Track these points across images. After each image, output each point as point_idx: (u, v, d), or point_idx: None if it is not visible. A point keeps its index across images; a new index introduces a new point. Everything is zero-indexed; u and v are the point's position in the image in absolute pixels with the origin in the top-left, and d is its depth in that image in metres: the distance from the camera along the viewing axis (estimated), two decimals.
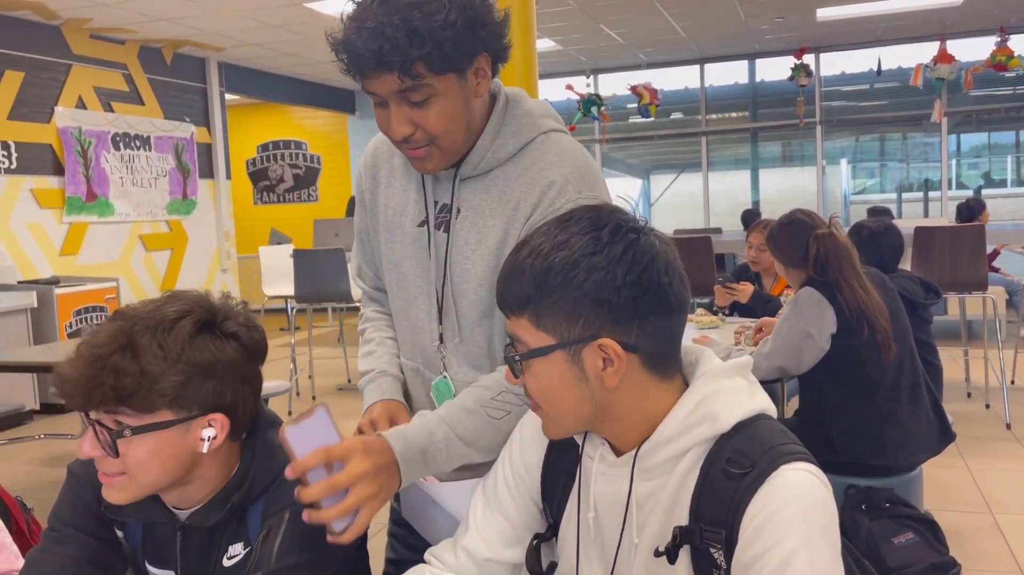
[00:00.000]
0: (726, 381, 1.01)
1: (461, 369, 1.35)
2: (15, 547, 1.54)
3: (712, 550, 0.95)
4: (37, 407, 5.88)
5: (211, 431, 1.14)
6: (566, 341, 0.97)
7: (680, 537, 0.96)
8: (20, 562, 1.49)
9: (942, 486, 3.67)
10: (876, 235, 3.40)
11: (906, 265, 3.93)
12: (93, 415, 1.11)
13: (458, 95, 1.21)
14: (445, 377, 1.37)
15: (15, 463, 4.84)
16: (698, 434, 0.98)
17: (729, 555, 0.93)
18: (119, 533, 1.26)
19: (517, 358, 1.00)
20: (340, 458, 1.06)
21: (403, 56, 1.13)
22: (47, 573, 1.18)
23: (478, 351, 1.34)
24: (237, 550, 1.21)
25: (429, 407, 1.39)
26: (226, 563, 1.21)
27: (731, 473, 0.95)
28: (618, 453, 1.05)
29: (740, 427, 0.98)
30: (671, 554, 0.97)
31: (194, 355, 1.10)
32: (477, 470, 1.26)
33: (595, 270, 0.94)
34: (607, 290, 0.94)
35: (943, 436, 2.65)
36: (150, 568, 1.27)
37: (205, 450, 1.14)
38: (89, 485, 1.23)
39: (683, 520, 0.97)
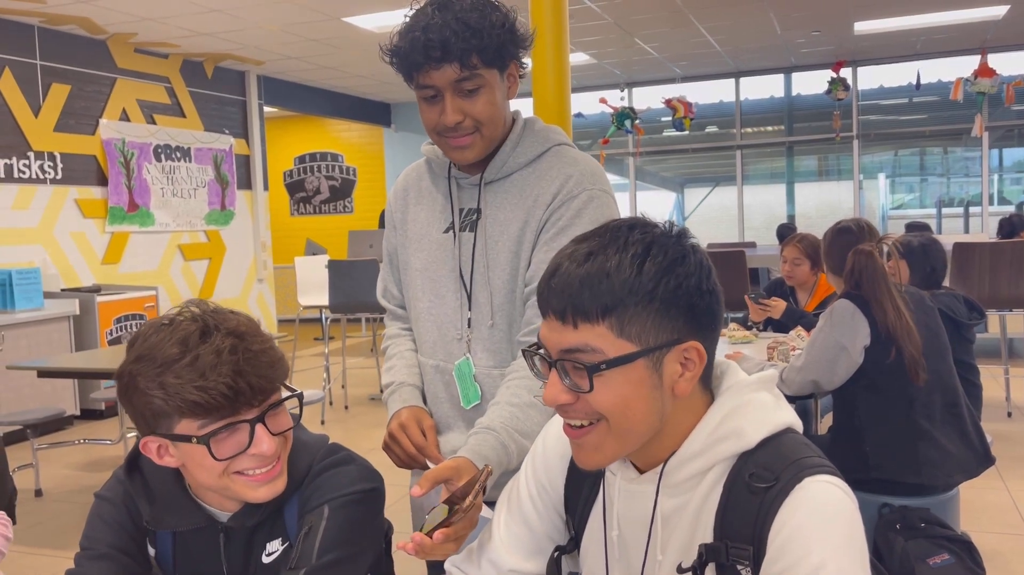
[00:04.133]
0: (752, 395, 1.01)
1: (483, 355, 1.51)
2: None
3: (739, 567, 0.94)
4: (77, 412, 6.01)
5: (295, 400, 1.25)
6: (652, 347, 0.94)
7: (705, 555, 0.96)
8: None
9: (980, 507, 3.59)
10: (927, 248, 3.36)
11: (945, 281, 3.88)
12: (251, 415, 1.14)
13: (499, 89, 1.44)
14: (467, 358, 1.51)
15: (56, 467, 4.95)
16: (723, 450, 0.98)
17: (756, 571, 0.93)
18: (151, 551, 1.28)
19: (603, 366, 0.94)
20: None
21: (464, 46, 1.36)
22: None
23: (500, 335, 1.50)
24: (275, 546, 1.24)
25: (447, 401, 1.53)
26: (265, 560, 1.24)
27: (755, 488, 0.94)
28: (640, 470, 1.04)
29: (764, 442, 0.97)
30: (696, 572, 0.96)
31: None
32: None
33: (688, 276, 0.95)
34: (696, 295, 0.95)
35: (982, 460, 2.58)
36: None
37: (300, 416, 1.24)
38: (122, 507, 1.26)
39: (707, 537, 0.97)
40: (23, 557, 3.56)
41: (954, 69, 9.15)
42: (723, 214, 11.12)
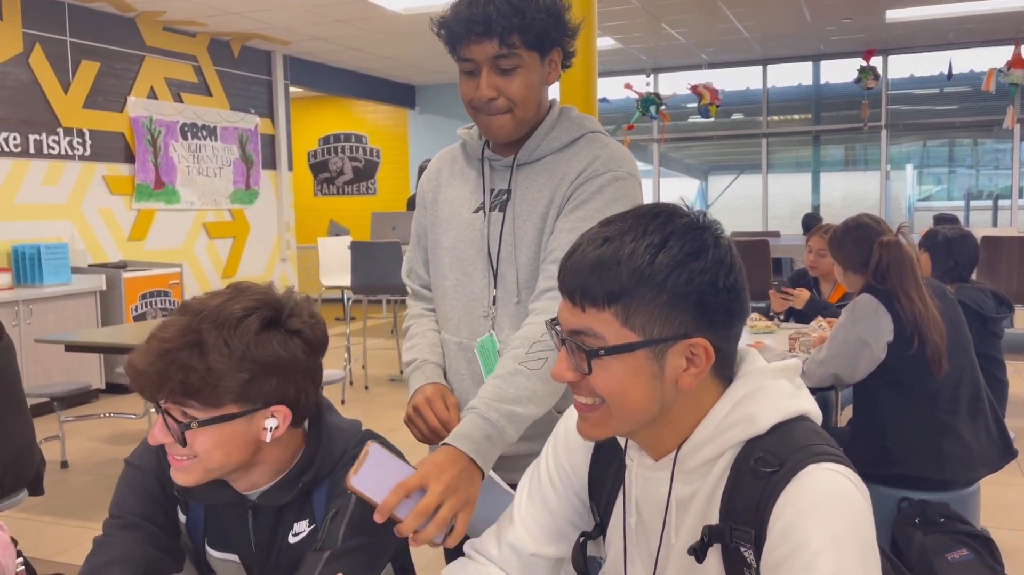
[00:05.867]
0: (768, 382, 1.00)
1: (510, 331, 1.52)
2: None
3: (743, 549, 0.94)
4: (103, 386, 6.10)
5: (274, 422, 1.18)
6: (655, 339, 0.94)
7: (709, 536, 0.96)
8: None
9: (1001, 503, 3.57)
10: (951, 242, 3.31)
11: (972, 275, 3.83)
12: (163, 404, 1.15)
13: (537, 73, 1.47)
14: (491, 335, 1.53)
15: (81, 439, 5.03)
16: (734, 436, 0.98)
17: (759, 554, 0.93)
18: (182, 518, 1.30)
19: (601, 352, 0.94)
20: (418, 486, 1.15)
21: (506, 24, 1.39)
22: (115, 556, 1.22)
23: (526, 313, 1.50)
24: (302, 527, 1.26)
25: (469, 378, 1.56)
26: (291, 540, 1.25)
27: (760, 472, 0.94)
28: (654, 457, 1.04)
29: (775, 429, 0.97)
30: (699, 553, 0.96)
31: (259, 353, 1.14)
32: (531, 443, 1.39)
33: (703, 272, 0.94)
34: (709, 292, 0.94)
35: (1004, 452, 2.59)
36: (211, 552, 1.31)
37: (268, 439, 1.19)
38: (153, 475, 1.27)
39: (715, 520, 0.97)
40: (49, 527, 3.64)
41: (987, 59, 9.00)
42: (747, 203, 11.03)
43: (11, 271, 5.86)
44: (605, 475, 1.13)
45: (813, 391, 2.78)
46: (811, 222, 7.66)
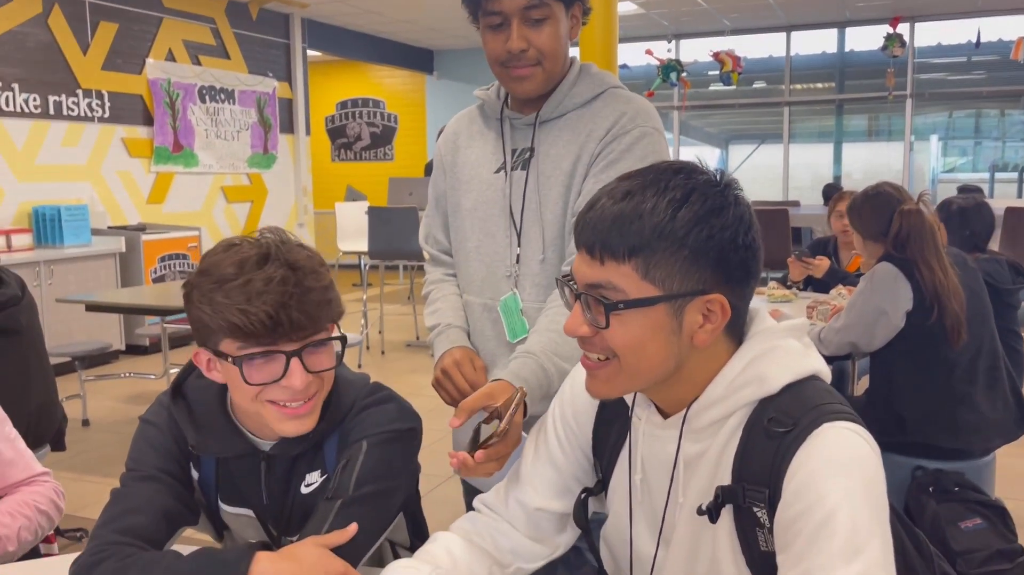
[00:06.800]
0: (778, 341, 1.00)
1: (532, 290, 1.53)
2: (29, 452, 1.66)
3: (755, 509, 0.95)
4: (123, 347, 6.18)
5: (338, 344, 1.25)
6: (675, 293, 0.94)
7: (722, 496, 0.97)
8: (37, 466, 1.64)
9: (1017, 474, 3.56)
10: (966, 211, 3.26)
11: (995, 247, 3.77)
12: (290, 347, 1.15)
13: (564, 25, 1.48)
14: (514, 294, 1.53)
15: (102, 399, 5.11)
16: (746, 395, 0.98)
17: (772, 513, 0.93)
18: (194, 475, 1.32)
19: (621, 305, 0.95)
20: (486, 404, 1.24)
21: None
22: (134, 505, 1.23)
23: (552, 270, 1.51)
24: (314, 478, 1.28)
25: (494, 339, 1.57)
26: (304, 490, 1.27)
27: (773, 432, 0.94)
28: (664, 415, 1.05)
29: (787, 388, 0.97)
30: (712, 513, 0.97)
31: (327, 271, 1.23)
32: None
33: (723, 229, 0.94)
34: (729, 249, 0.95)
35: (1020, 423, 2.58)
36: (223, 507, 1.33)
37: (342, 359, 1.25)
38: (168, 431, 1.29)
39: (726, 480, 0.98)
40: (71, 483, 3.71)
41: (1016, 28, 8.80)
42: (768, 172, 10.92)
43: (32, 232, 5.92)
44: (609, 432, 1.14)
45: (830, 360, 2.78)
46: (831, 192, 7.58)
